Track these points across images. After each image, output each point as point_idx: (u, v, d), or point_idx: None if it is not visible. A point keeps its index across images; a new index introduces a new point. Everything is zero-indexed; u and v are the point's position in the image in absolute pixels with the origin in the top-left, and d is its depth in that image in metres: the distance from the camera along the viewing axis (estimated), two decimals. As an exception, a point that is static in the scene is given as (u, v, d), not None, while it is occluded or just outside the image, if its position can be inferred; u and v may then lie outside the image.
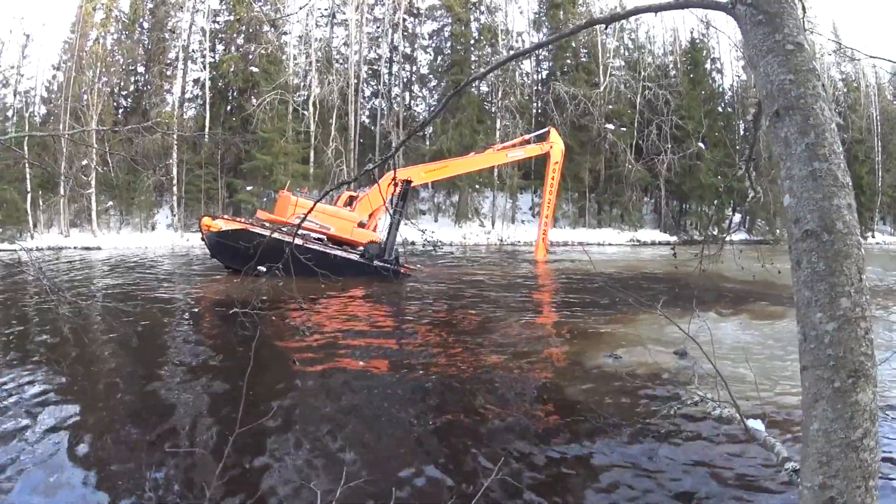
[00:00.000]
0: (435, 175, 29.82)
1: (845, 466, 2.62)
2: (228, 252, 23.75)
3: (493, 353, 13.51)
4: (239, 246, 22.05)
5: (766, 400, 9.05)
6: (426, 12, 56.60)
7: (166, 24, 51.28)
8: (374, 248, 25.73)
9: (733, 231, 10.11)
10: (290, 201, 26.13)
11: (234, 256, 23.02)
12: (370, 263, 24.95)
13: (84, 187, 43.61)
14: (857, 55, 44.19)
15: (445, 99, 4.71)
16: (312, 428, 8.77)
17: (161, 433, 8.55)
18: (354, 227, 26.33)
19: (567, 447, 8.20)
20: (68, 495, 6.77)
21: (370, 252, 25.51)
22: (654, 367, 11.65)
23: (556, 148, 32.91)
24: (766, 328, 15.30)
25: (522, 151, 32.74)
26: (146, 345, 13.52)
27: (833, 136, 3.05)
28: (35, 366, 11.55)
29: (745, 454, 7.51)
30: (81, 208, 45.33)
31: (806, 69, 3.17)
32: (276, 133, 45.16)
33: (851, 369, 2.68)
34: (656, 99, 52.60)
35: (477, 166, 32.31)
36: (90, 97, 44.85)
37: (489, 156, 31.44)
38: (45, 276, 7.10)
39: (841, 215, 2.87)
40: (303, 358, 12.52)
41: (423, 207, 53.00)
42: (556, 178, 33.84)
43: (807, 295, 2.85)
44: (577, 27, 4.36)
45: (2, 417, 8.81)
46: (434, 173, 29.41)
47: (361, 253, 25.61)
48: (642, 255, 40.18)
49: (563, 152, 34.09)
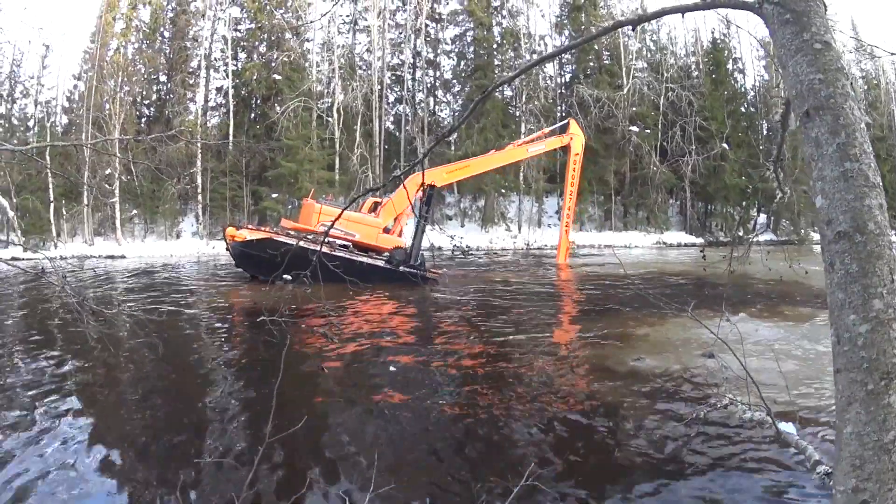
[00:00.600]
0: (456, 175, 29.58)
1: (878, 469, 2.60)
2: (253, 261, 23.88)
3: (518, 356, 13.49)
4: (264, 255, 22.25)
5: (797, 402, 8.98)
6: (448, 17, 56.57)
7: (187, 33, 51.41)
8: (399, 254, 25.66)
9: (760, 232, 10.06)
10: (315, 209, 26.21)
11: (259, 265, 23.10)
12: (396, 269, 24.86)
13: (108, 196, 43.80)
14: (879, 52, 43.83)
15: (473, 105, 4.71)
16: (341, 435, 8.78)
17: (190, 442, 8.58)
18: (379, 233, 26.34)
19: (594, 451, 8.18)
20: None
21: (396, 258, 25.44)
22: (682, 369, 11.60)
23: (577, 140, 32.71)
24: (796, 329, 15.17)
25: (543, 145, 32.08)
26: (173, 353, 13.55)
27: (863, 135, 3.04)
28: (61, 375, 11.62)
29: (776, 457, 7.44)
30: (105, 217, 45.51)
31: (835, 68, 3.16)
32: (300, 140, 45.15)
33: (884, 371, 2.66)
34: (679, 100, 52.33)
35: (498, 163, 31.69)
36: (112, 107, 44.90)
37: (509, 152, 31.06)
38: (68, 285, 7.14)
39: (873, 216, 2.85)
40: (331, 365, 12.54)
41: (450, 213, 52.96)
42: (578, 170, 33.57)
43: (840, 297, 2.83)
44: (605, 29, 4.37)
45: (29, 426, 8.87)
46: (455, 173, 29.18)
47: (387, 259, 25.54)
48: (669, 258, 39.95)
49: (584, 144, 33.88)
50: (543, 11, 57.86)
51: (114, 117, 44.17)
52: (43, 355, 13.33)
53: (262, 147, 45.31)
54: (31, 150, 13.85)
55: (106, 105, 45.86)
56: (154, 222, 46.75)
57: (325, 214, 25.72)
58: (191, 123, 47.14)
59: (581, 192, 50.67)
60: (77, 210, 44.29)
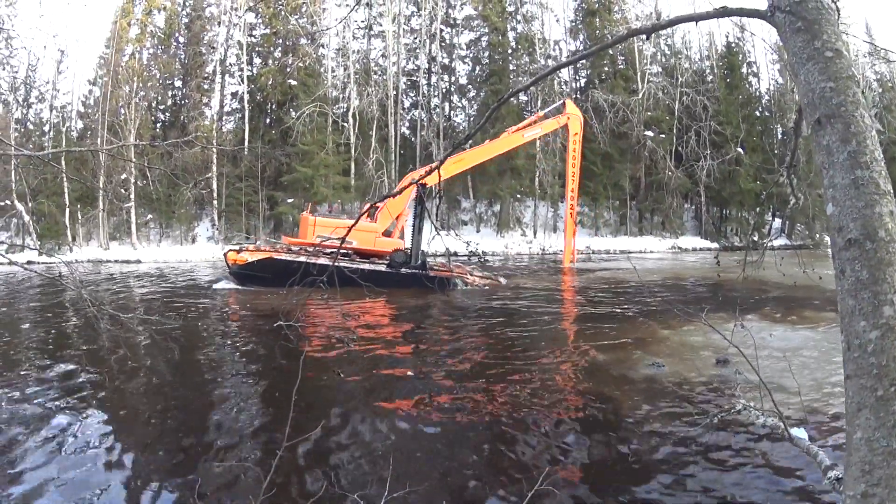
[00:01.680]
0: (452, 170, 29.08)
1: (888, 475, 2.61)
2: (257, 280, 24.14)
3: (533, 361, 13.53)
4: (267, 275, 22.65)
5: (809, 407, 9.01)
6: (463, 22, 56.48)
7: (202, 39, 51.53)
8: (399, 257, 25.80)
9: (774, 237, 10.06)
10: (309, 222, 26.51)
11: (264, 280, 23.23)
12: (398, 272, 24.99)
13: (123, 201, 43.98)
14: (893, 57, 43.54)
15: (489, 112, 4.74)
16: (356, 440, 8.84)
17: (207, 446, 8.65)
18: (377, 238, 26.43)
19: (607, 456, 8.22)
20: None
21: (396, 260, 25.58)
22: (696, 375, 11.62)
23: (574, 119, 32.02)
24: (810, 334, 15.17)
25: (539, 128, 31.31)
26: (188, 358, 13.66)
27: (874, 143, 3.06)
28: (77, 380, 11.74)
29: (788, 462, 7.47)
30: (121, 221, 45.77)
31: (846, 76, 3.17)
32: (315, 145, 45.16)
33: (894, 377, 2.68)
34: (694, 104, 52.07)
35: (494, 152, 31.03)
36: (127, 112, 45.03)
37: (504, 140, 30.48)
38: (85, 290, 7.20)
39: (883, 223, 2.86)
40: (348, 370, 12.59)
41: (465, 218, 52.93)
42: (578, 150, 33.11)
43: (850, 304, 2.85)
44: (619, 38, 4.38)
45: (47, 429, 8.96)
46: (451, 168, 28.53)
47: (388, 263, 25.65)
48: (685, 263, 39.80)
49: (583, 122, 33.61)
50: (558, 16, 57.75)
51: (129, 122, 44.35)
52: (58, 358, 13.47)
53: (277, 152, 45.44)
54: (48, 155, 13.97)
55: (121, 110, 46.11)
56: (169, 227, 46.97)
57: (320, 226, 26.20)
58: (206, 128, 47.22)
59: (596, 198, 50.65)
60: (92, 214, 44.60)
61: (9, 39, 47.56)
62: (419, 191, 25.95)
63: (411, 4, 56.29)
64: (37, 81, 49.19)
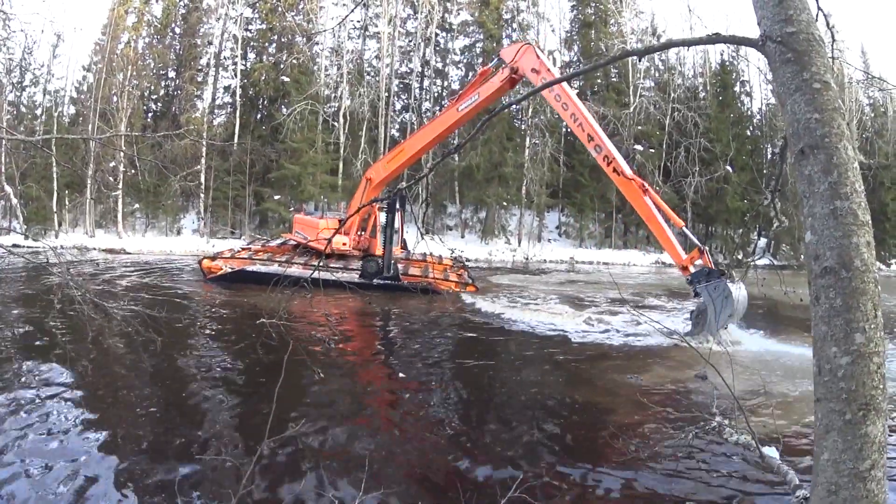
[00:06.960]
0: (395, 163, 26.38)
1: (853, 496, 2.70)
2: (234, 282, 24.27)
3: (514, 370, 13.60)
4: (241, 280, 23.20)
5: (782, 427, 9.10)
6: (458, 28, 56.47)
7: (198, 31, 51.39)
8: (371, 267, 25.20)
9: (759, 257, 10.18)
10: (321, 225, 26.58)
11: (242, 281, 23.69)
12: (370, 282, 24.17)
13: (111, 189, 43.95)
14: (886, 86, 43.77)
15: (480, 123, 4.82)
16: (335, 440, 8.89)
17: (188, 440, 8.67)
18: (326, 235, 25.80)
19: (582, 468, 8.27)
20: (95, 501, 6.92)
21: (368, 271, 25.07)
22: (674, 389, 11.73)
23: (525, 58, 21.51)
24: (788, 353, 15.27)
25: (476, 95, 23.35)
26: (171, 351, 13.63)
27: (855, 174, 3.15)
28: (59, 370, 11.66)
29: (758, 480, 7.55)
30: (107, 209, 45.55)
31: (831, 108, 3.27)
32: (305, 143, 45.14)
33: (863, 402, 2.77)
34: (685, 121, 52.10)
35: (430, 136, 25.76)
36: (120, 100, 44.95)
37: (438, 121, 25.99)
38: (71, 277, 7.24)
39: (859, 253, 2.96)
40: (328, 370, 12.62)
41: (450, 223, 52.93)
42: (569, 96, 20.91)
43: (823, 329, 2.95)
44: (613, 58, 4.49)
45: (28, 421, 8.95)
46: (393, 162, 26.44)
47: (360, 272, 25.15)
48: (667, 278, 39.82)
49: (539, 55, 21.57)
50: (554, 26, 57.78)
51: (121, 110, 44.21)
52: (41, 348, 13.42)
53: (266, 150, 45.34)
54: (38, 140, 13.97)
55: (114, 98, 45.96)
56: (155, 217, 46.77)
57: (299, 223, 27.68)
58: (197, 121, 47.17)
59: (582, 209, 50.71)
60: (80, 201, 44.49)
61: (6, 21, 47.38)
62: (393, 199, 25.81)
63: (408, 7, 56.30)
64: (32, 65, 49.02)
